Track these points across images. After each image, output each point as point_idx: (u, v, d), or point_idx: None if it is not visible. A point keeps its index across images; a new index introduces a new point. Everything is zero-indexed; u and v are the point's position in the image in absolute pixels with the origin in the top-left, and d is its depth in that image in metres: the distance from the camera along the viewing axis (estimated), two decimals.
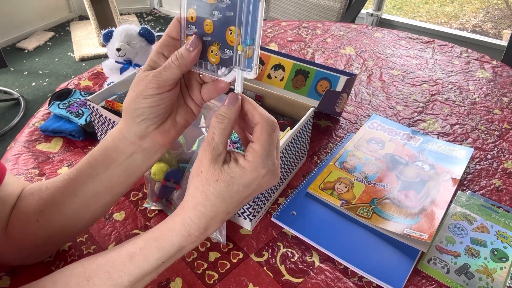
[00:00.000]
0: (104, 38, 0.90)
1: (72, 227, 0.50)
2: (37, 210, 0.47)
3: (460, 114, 0.92)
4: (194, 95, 0.44)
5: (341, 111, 0.87)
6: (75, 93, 0.88)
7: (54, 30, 3.22)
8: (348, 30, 1.30)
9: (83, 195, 0.47)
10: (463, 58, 1.15)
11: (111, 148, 0.45)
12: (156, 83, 0.40)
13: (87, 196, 0.47)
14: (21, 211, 0.48)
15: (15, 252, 0.51)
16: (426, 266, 0.58)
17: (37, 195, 0.48)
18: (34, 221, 0.47)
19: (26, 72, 2.66)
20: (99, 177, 0.46)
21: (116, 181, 0.47)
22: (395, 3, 3.89)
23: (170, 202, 0.63)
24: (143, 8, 3.62)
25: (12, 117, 2.20)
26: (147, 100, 0.41)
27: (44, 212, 0.47)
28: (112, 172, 0.46)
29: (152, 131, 0.43)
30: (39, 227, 0.48)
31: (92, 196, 0.47)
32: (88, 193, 0.47)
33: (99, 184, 0.46)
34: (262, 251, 0.60)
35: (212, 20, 0.39)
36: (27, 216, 0.48)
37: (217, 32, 0.39)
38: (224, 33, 0.38)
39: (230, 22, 0.38)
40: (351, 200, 0.66)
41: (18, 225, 0.48)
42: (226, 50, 0.39)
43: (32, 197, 0.49)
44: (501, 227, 0.64)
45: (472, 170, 0.76)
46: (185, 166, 0.62)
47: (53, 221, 0.48)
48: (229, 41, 0.38)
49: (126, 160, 0.45)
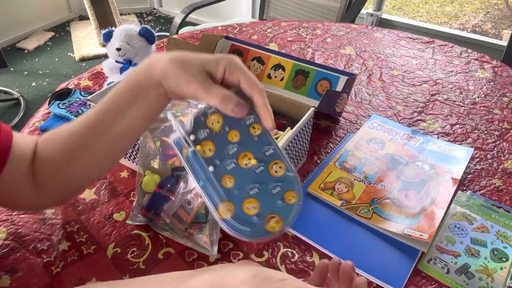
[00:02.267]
0: (104, 38, 0.90)
1: (100, 168, 0.52)
2: (65, 156, 0.49)
3: (460, 114, 0.92)
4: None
5: (341, 111, 0.87)
6: (75, 93, 0.88)
7: (54, 30, 3.22)
8: (348, 30, 1.30)
9: (110, 137, 0.48)
10: (463, 58, 1.15)
11: (135, 85, 0.46)
12: (193, 93, 0.41)
13: (114, 137, 0.48)
14: (48, 161, 0.50)
15: (44, 198, 0.53)
16: (426, 266, 0.58)
17: (61, 143, 0.50)
18: (65, 166, 0.50)
19: (26, 72, 2.66)
20: (123, 118, 0.47)
21: (137, 122, 0.48)
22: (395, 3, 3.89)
23: (158, 214, 0.61)
24: (143, 8, 3.62)
25: (12, 117, 2.20)
26: (178, 89, 0.42)
27: (74, 157, 0.49)
28: (135, 113, 0.46)
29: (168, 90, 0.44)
30: (69, 171, 0.50)
31: (119, 137, 0.48)
32: (115, 135, 0.48)
33: (123, 126, 0.47)
34: (262, 251, 0.60)
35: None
36: (57, 164, 0.50)
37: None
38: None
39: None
40: (351, 200, 0.66)
41: (48, 174, 0.50)
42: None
43: (54, 146, 0.50)
44: (501, 227, 0.64)
45: (472, 170, 0.76)
46: (180, 174, 0.61)
47: (84, 163, 0.50)
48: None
49: (147, 99, 0.46)
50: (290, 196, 0.38)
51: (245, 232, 0.36)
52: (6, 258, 0.57)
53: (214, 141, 0.39)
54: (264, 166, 0.39)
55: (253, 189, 0.38)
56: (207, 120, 0.40)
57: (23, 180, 0.50)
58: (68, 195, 0.56)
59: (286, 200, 0.38)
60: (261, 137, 0.40)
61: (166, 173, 0.62)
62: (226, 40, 0.96)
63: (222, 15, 3.06)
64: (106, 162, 0.52)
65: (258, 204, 0.37)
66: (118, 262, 0.57)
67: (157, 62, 0.43)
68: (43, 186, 0.51)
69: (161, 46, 1.16)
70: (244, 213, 0.37)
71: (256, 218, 0.37)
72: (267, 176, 0.38)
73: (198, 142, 0.39)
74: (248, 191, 0.38)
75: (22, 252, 0.58)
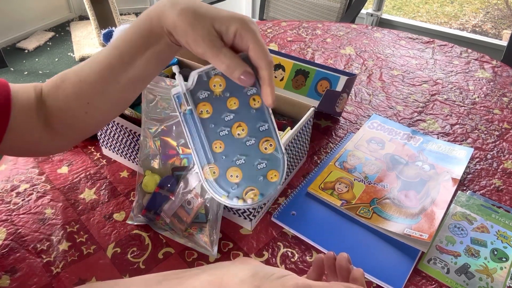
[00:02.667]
0: (104, 38, 0.90)
1: (117, 110, 0.53)
2: (83, 103, 0.49)
3: (460, 114, 0.92)
4: None
5: (341, 111, 0.87)
6: None
7: (54, 30, 3.22)
8: (348, 30, 1.30)
9: (125, 81, 0.48)
10: (463, 58, 1.15)
11: (147, 30, 0.44)
12: (202, 53, 0.40)
13: (128, 82, 0.48)
14: (62, 109, 0.50)
15: (60, 143, 0.54)
16: (426, 266, 0.58)
17: (75, 90, 0.49)
18: (83, 113, 0.50)
19: (26, 72, 2.66)
20: (136, 63, 0.46)
21: (149, 68, 0.47)
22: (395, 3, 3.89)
23: (158, 214, 0.61)
24: (143, 8, 3.62)
25: None
26: (185, 42, 0.41)
27: (90, 104, 0.49)
28: (147, 58, 0.46)
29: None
30: (87, 117, 0.50)
31: (133, 81, 0.48)
32: (129, 79, 0.47)
33: (136, 70, 0.47)
34: (262, 251, 0.60)
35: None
36: (74, 112, 0.50)
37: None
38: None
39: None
40: (351, 200, 0.66)
41: (65, 122, 0.51)
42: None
43: (67, 91, 0.49)
44: (501, 227, 0.64)
45: (472, 170, 0.76)
46: (180, 174, 0.61)
47: (100, 108, 0.50)
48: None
49: (159, 45, 0.45)
50: (273, 175, 0.39)
51: (223, 195, 0.38)
52: (6, 258, 0.57)
53: (212, 104, 0.40)
54: (255, 140, 0.40)
55: (240, 160, 0.39)
56: (209, 81, 0.40)
57: (34, 127, 0.50)
58: (84, 136, 0.56)
59: (268, 178, 0.39)
60: (259, 111, 0.40)
61: (166, 173, 0.62)
62: None
63: None
64: (122, 105, 0.52)
65: (241, 174, 0.39)
66: (118, 262, 0.57)
67: (168, 12, 0.42)
68: (59, 132, 0.52)
69: None
70: (227, 179, 0.39)
71: (236, 186, 0.39)
72: (256, 150, 0.39)
73: (197, 102, 0.39)
74: (235, 160, 0.39)
75: (21, 252, 0.58)
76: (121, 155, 0.73)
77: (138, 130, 0.64)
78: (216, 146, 0.39)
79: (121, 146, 0.71)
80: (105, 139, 0.73)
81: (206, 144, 0.39)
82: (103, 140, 0.74)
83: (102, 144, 0.75)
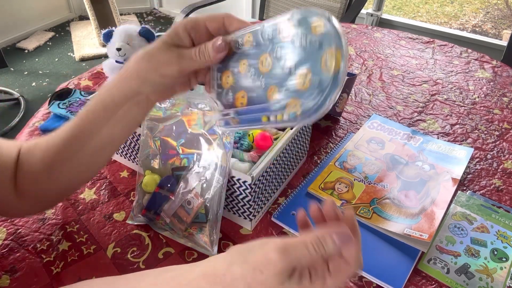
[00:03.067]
0: (104, 38, 0.90)
1: (82, 178, 0.53)
2: (46, 166, 0.49)
3: (460, 114, 0.92)
4: (199, 75, 0.46)
5: (341, 111, 0.87)
6: (75, 93, 0.88)
7: (54, 30, 3.22)
8: (348, 30, 1.30)
9: (90, 149, 0.48)
10: (463, 58, 1.15)
11: (108, 100, 0.46)
12: (179, 69, 0.41)
13: (93, 149, 0.48)
14: (29, 172, 0.50)
15: (27, 206, 0.53)
16: (426, 266, 0.58)
17: (40, 155, 0.50)
18: (45, 179, 0.49)
19: (26, 72, 2.66)
20: (101, 132, 0.47)
21: (116, 133, 0.48)
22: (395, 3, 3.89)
23: (158, 214, 0.61)
24: (143, 8, 3.62)
25: (12, 117, 2.19)
26: (161, 78, 0.42)
27: (54, 168, 0.49)
28: (112, 125, 0.47)
29: (151, 92, 0.45)
30: (51, 182, 0.50)
31: (99, 149, 0.48)
32: (94, 147, 0.48)
33: (101, 138, 0.47)
34: None
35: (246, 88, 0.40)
36: (37, 176, 0.50)
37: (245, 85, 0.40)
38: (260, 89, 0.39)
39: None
40: (351, 200, 0.66)
41: (29, 185, 0.50)
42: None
43: (35, 158, 0.50)
44: (501, 227, 0.64)
45: (472, 170, 0.76)
46: (180, 174, 0.61)
47: (64, 176, 0.50)
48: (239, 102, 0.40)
49: (122, 112, 0.46)
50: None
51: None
52: (6, 258, 0.57)
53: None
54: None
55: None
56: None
57: (5, 187, 0.50)
58: (49, 204, 0.56)
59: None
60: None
61: (166, 173, 0.62)
62: None
63: None
64: (87, 172, 0.52)
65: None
66: (118, 262, 0.57)
67: (126, 73, 0.44)
68: (24, 195, 0.51)
69: None
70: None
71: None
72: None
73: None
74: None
75: (21, 252, 0.58)
76: (121, 155, 0.73)
77: (138, 130, 0.64)
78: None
79: (121, 146, 0.71)
80: None
81: None
82: None
83: None
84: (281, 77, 0.36)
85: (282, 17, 0.37)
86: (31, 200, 0.52)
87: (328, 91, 0.32)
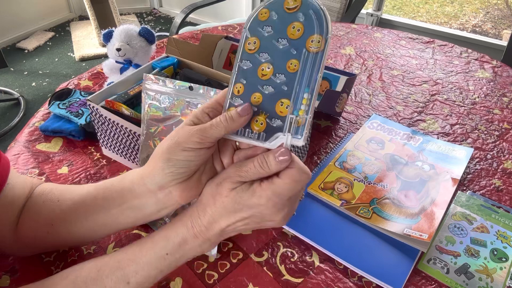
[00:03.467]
0: (104, 38, 0.90)
1: (80, 242, 0.55)
2: (48, 222, 0.49)
3: (460, 114, 0.92)
4: (225, 159, 0.43)
5: (341, 111, 0.87)
6: (75, 93, 0.88)
7: (54, 30, 3.22)
8: (348, 30, 1.30)
9: (93, 222, 0.48)
10: (463, 58, 1.15)
11: (127, 189, 0.45)
12: (199, 138, 0.39)
13: (96, 224, 0.48)
14: (33, 219, 0.50)
15: (22, 248, 0.54)
16: (426, 266, 0.58)
17: (49, 207, 0.50)
18: (45, 232, 0.50)
19: (26, 72, 2.66)
20: (110, 212, 0.47)
21: (124, 219, 0.47)
22: (395, 3, 3.89)
23: None
24: (143, 8, 3.62)
25: (12, 117, 2.20)
26: (184, 153, 0.40)
27: (54, 227, 0.49)
28: (123, 211, 0.46)
29: (175, 184, 0.42)
30: (48, 237, 0.50)
31: (101, 224, 0.48)
32: (98, 222, 0.48)
33: (108, 217, 0.47)
34: (262, 251, 0.60)
35: (261, 93, 0.40)
36: (39, 226, 0.50)
37: (266, 104, 0.40)
38: (274, 104, 0.39)
39: (283, 95, 0.39)
40: (351, 200, 0.66)
41: (29, 231, 0.51)
42: (274, 119, 0.40)
43: (43, 207, 0.50)
44: (501, 227, 0.64)
45: (472, 170, 0.76)
46: None
47: (62, 235, 0.50)
48: (279, 112, 0.39)
49: (138, 205, 0.45)
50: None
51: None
52: (6, 258, 0.57)
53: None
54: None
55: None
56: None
57: (7, 225, 0.50)
58: (44, 250, 0.57)
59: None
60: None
61: None
62: (226, 40, 0.96)
63: (222, 15, 3.06)
64: (85, 240, 0.53)
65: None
66: None
67: (151, 163, 0.43)
68: (23, 239, 0.51)
69: (161, 46, 1.16)
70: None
71: None
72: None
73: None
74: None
75: None
76: (121, 155, 0.73)
77: (138, 130, 0.64)
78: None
79: (121, 146, 0.71)
80: (105, 139, 0.73)
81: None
82: (103, 140, 0.74)
83: (102, 144, 0.75)
84: None
85: None
86: (27, 244, 0.52)
87: None
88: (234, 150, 0.43)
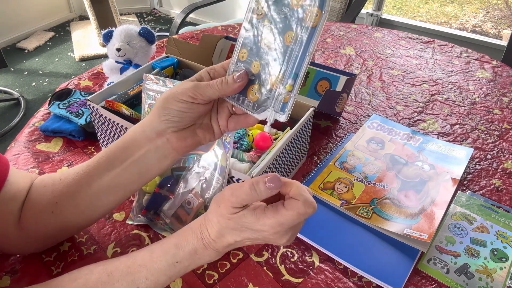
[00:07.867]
0: (104, 38, 0.90)
1: (84, 219, 0.53)
2: (51, 201, 0.49)
3: (460, 114, 0.92)
4: (221, 120, 0.47)
5: (341, 111, 0.87)
6: (75, 93, 0.88)
7: (54, 30, 3.22)
8: (348, 30, 1.30)
9: (97, 188, 0.49)
10: (463, 58, 1.15)
11: (129, 140, 0.47)
12: (193, 93, 0.43)
13: (101, 189, 0.49)
14: (35, 203, 0.50)
15: (26, 242, 0.53)
16: (426, 266, 0.58)
17: (51, 187, 0.50)
18: (49, 212, 0.50)
19: (26, 72, 2.66)
20: (114, 171, 0.48)
21: (129, 178, 0.49)
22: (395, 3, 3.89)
23: (158, 214, 0.61)
24: (143, 8, 3.62)
25: (12, 117, 2.20)
26: (179, 104, 0.44)
27: (59, 204, 0.49)
28: (127, 168, 0.48)
29: (171, 132, 0.46)
30: (53, 218, 0.50)
31: (105, 190, 0.49)
32: (102, 187, 0.49)
33: (113, 179, 0.48)
34: (262, 251, 0.60)
35: (260, 63, 0.41)
36: (42, 208, 0.50)
37: (262, 74, 0.42)
38: (267, 76, 0.41)
39: (276, 67, 0.40)
40: (351, 200, 0.66)
41: (32, 217, 0.50)
42: (266, 92, 0.41)
43: (45, 189, 0.51)
44: (501, 227, 0.64)
45: (472, 170, 0.76)
46: (180, 174, 0.61)
47: (67, 212, 0.50)
48: (271, 84, 0.41)
49: (140, 157, 0.47)
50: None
51: None
52: (6, 258, 0.57)
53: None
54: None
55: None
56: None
57: (10, 220, 0.50)
58: (48, 241, 0.56)
59: None
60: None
61: (166, 173, 0.62)
62: (226, 40, 0.96)
63: (222, 15, 3.06)
64: (88, 213, 0.52)
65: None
66: None
67: (151, 112, 0.46)
68: (26, 230, 0.51)
69: (161, 46, 1.16)
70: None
71: None
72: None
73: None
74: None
75: None
76: None
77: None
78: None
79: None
80: (105, 139, 0.73)
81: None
82: (103, 140, 0.74)
83: (102, 144, 0.75)
84: None
85: None
86: (31, 234, 0.52)
87: None
88: (231, 114, 0.46)
